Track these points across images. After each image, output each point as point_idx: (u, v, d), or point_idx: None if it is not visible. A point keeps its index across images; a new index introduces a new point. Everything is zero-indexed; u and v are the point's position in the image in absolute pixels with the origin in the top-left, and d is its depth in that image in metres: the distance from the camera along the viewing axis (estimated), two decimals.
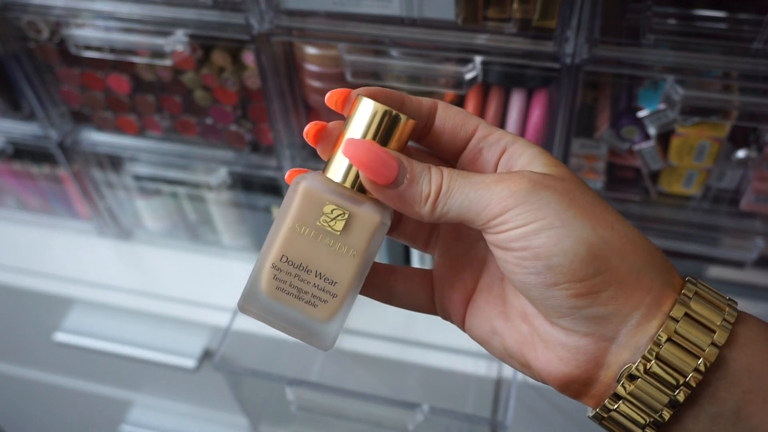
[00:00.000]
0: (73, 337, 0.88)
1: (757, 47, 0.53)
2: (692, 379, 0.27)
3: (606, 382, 0.29)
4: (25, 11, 0.67)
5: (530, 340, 0.31)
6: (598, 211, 0.29)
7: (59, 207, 0.92)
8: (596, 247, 0.28)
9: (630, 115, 0.62)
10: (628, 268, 0.28)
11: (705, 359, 0.27)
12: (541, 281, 0.28)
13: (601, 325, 0.28)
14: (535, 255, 0.28)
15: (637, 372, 0.28)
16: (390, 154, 0.30)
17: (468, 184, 0.29)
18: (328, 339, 0.32)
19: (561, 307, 0.28)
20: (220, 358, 0.73)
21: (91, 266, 0.89)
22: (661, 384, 0.27)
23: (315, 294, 0.31)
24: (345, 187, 0.31)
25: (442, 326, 0.79)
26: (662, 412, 0.28)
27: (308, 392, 0.74)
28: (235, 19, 0.62)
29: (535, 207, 0.28)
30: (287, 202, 0.31)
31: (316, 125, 0.32)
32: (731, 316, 0.28)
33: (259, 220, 0.85)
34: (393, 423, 0.75)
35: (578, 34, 0.55)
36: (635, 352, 0.28)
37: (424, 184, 0.30)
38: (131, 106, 0.75)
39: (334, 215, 0.31)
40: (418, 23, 0.58)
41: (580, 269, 0.27)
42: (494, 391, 0.76)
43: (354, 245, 0.31)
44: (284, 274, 0.31)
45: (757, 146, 0.63)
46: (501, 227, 0.28)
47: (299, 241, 0.31)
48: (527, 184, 0.28)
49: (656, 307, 0.28)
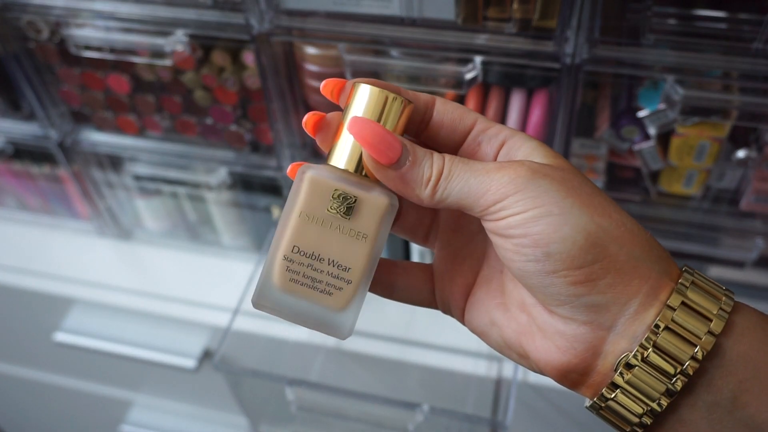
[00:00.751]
0: (73, 337, 0.88)
1: (757, 47, 0.53)
2: (689, 368, 0.27)
3: (603, 371, 0.29)
4: (25, 11, 0.67)
5: (528, 330, 0.31)
6: (596, 200, 0.29)
7: (59, 207, 0.92)
8: (595, 235, 0.28)
9: (630, 115, 0.62)
10: (626, 257, 0.28)
11: (702, 347, 0.27)
12: (540, 269, 0.28)
13: (599, 313, 0.28)
14: (534, 242, 0.28)
15: (634, 360, 0.28)
16: (393, 135, 0.30)
17: (469, 170, 0.30)
18: (345, 327, 0.32)
19: (559, 294, 0.28)
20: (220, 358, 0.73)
21: (91, 266, 0.89)
22: (659, 372, 0.28)
23: (329, 282, 0.31)
24: (351, 173, 0.32)
25: (442, 326, 0.79)
26: (659, 400, 0.28)
27: (308, 392, 0.74)
28: (235, 19, 0.62)
29: (534, 194, 0.28)
30: (294, 193, 0.32)
31: (315, 115, 0.33)
32: (727, 305, 0.28)
33: (259, 220, 0.85)
34: (393, 423, 0.75)
35: (578, 34, 0.55)
36: (632, 340, 0.28)
37: (425, 166, 0.30)
38: (131, 106, 0.75)
39: (342, 201, 0.31)
40: (418, 23, 0.58)
41: (578, 256, 0.28)
42: (494, 391, 0.76)
43: (364, 230, 0.31)
44: (297, 264, 0.31)
45: (757, 146, 0.63)
46: (500, 213, 0.29)
47: (309, 231, 0.31)
48: (527, 171, 0.29)
49: (653, 296, 0.28)
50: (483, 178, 0.29)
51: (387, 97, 0.31)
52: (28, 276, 0.89)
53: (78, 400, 1.10)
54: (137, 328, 0.87)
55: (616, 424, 0.29)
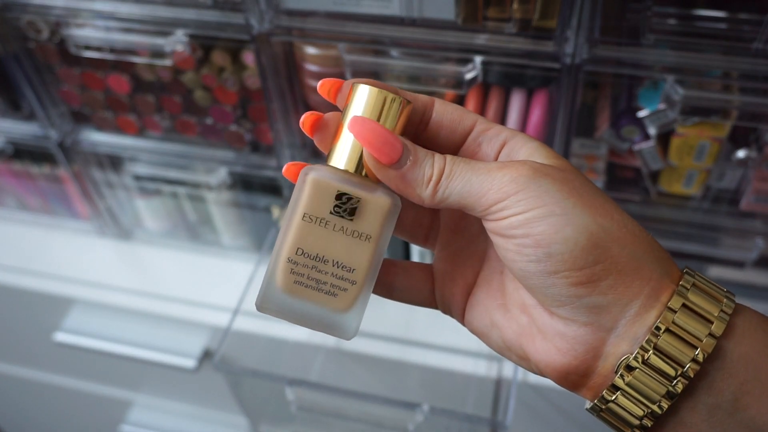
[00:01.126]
0: (73, 337, 0.88)
1: (757, 47, 0.53)
2: (690, 370, 0.27)
3: (604, 373, 0.29)
4: (25, 11, 0.67)
5: (528, 332, 0.31)
6: (598, 201, 0.29)
7: (59, 207, 0.92)
8: (597, 235, 0.28)
9: (630, 115, 0.62)
10: (628, 258, 0.28)
11: (702, 350, 0.27)
12: (542, 269, 0.28)
13: (599, 314, 0.28)
14: (536, 242, 0.28)
15: (634, 363, 0.28)
16: (394, 135, 0.30)
17: (470, 169, 0.30)
18: (351, 328, 0.32)
19: (560, 295, 0.28)
20: (220, 358, 0.73)
21: (91, 266, 0.89)
22: (659, 374, 0.28)
23: (334, 283, 0.32)
24: (352, 174, 0.31)
25: (442, 326, 0.79)
26: (660, 402, 0.28)
27: (308, 392, 0.74)
28: (235, 19, 0.62)
29: (536, 194, 0.28)
30: (296, 195, 0.32)
31: (312, 115, 0.33)
32: (729, 307, 0.28)
33: (259, 220, 0.85)
34: (393, 423, 0.75)
35: (578, 34, 0.55)
36: (633, 342, 0.28)
37: (427, 166, 0.30)
38: (131, 106, 0.75)
39: (345, 202, 0.31)
40: (418, 23, 0.58)
41: (580, 257, 0.27)
42: (494, 391, 0.76)
43: (368, 230, 0.31)
44: (301, 267, 0.31)
45: (757, 146, 0.63)
46: (501, 213, 0.28)
47: (313, 233, 0.31)
48: (529, 170, 0.28)
49: (654, 298, 0.28)
50: (485, 177, 0.29)
51: (386, 97, 0.31)
52: (28, 276, 0.89)
53: (78, 400, 1.10)
54: (137, 328, 0.87)
55: (617, 426, 0.29)
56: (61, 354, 0.95)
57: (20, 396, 1.16)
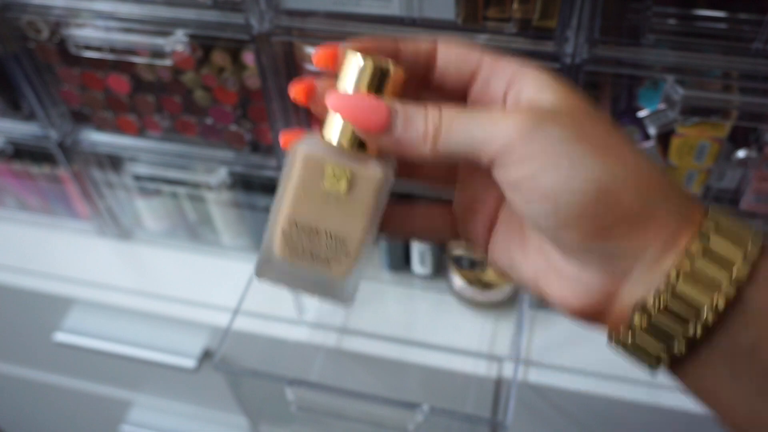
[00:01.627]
0: (73, 337, 0.88)
1: (757, 47, 0.53)
2: (709, 316, 0.26)
3: (620, 315, 0.28)
4: (25, 11, 0.67)
5: (545, 274, 0.31)
6: (611, 142, 0.27)
7: (59, 207, 0.92)
8: (606, 185, 0.26)
9: (630, 115, 0.62)
10: (641, 205, 0.27)
11: (722, 296, 0.26)
12: (551, 223, 0.27)
13: (613, 263, 0.27)
14: (543, 196, 0.27)
15: (651, 308, 0.27)
16: (376, 100, 0.29)
17: (470, 119, 0.28)
18: (346, 294, 0.34)
19: (572, 245, 0.28)
20: (220, 358, 0.73)
21: (91, 266, 0.89)
22: (676, 320, 0.27)
23: (327, 255, 0.32)
24: (344, 147, 0.31)
25: (442, 326, 0.79)
26: (676, 345, 0.27)
27: (308, 392, 0.74)
28: (235, 19, 0.62)
29: (541, 145, 0.27)
30: (288, 168, 0.32)
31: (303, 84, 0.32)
32: (753, 252, 0.27)
33: (259, 220, 0.85)
34: (393, 423, 0.75)
35: (578, 34, 0.55)
36: (649, 287, 0.27)
37: (419, 123, 0.29)
38: (131, 106, 0.75)
39: (337, 176, 0.31)
40: (418, 23, 0.58)
41: (589, 209, 0.27)
42: (494, 391, 0.76)
43: (360, 203, 0.32)
44: (295, 238, 0.32)
45: (757, 146, 0.63)
46: (506, 166, 0.27)
47: (306, 206, 0.32)
48: (533, 119, 0.27)
49: (672, 243, 0.27)
50: (486, 126, 0.28)
51: (375, 66, 0.30)
52: (28, 276, 0.89)
53: (78, 400, 1.10)
54: (137, 328, 0.87)
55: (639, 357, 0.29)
56: (61, 354, 0.95)
57: (20, 396, 1.16)
